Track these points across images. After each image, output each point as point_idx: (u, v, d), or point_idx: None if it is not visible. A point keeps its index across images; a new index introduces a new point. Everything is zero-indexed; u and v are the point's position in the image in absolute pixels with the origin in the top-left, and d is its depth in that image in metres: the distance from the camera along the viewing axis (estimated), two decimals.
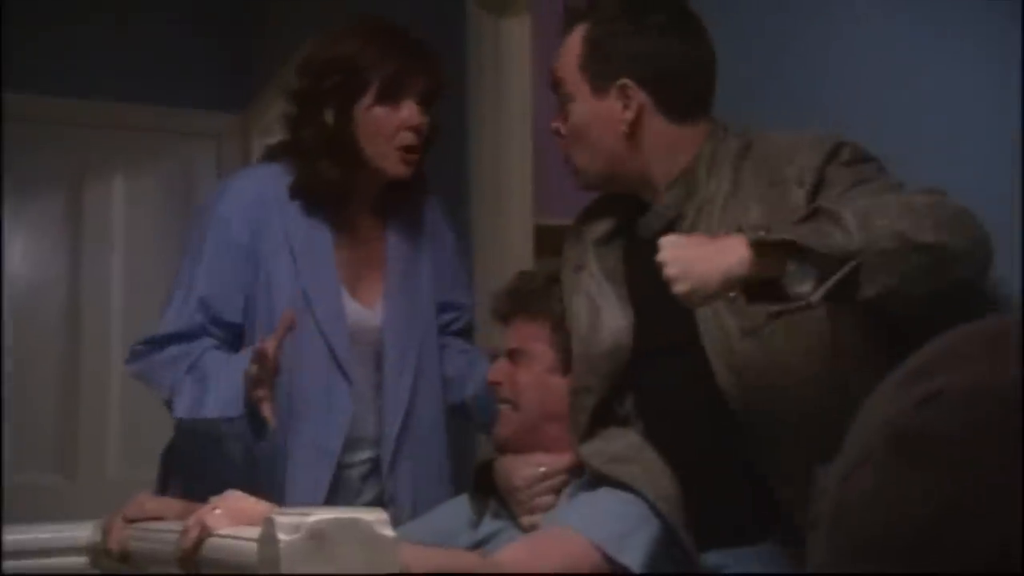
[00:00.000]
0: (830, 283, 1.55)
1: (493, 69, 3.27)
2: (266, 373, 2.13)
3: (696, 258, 1.64)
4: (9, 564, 1.95)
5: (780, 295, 1.60)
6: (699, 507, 1.87)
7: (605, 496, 1.89)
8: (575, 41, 1.98)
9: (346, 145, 2.33)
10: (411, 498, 2.38)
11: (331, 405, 2.33)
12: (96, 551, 2.02)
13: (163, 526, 1.78)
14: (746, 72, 2.20)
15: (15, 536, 2.02)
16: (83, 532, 2.07)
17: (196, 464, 2.36)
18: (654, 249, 1.70)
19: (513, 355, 2.10)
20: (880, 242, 1.57)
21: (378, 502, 2.35)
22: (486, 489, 2.11)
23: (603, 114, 1.95)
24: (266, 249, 2.34)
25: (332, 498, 2.33)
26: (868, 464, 0.64)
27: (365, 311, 2.40)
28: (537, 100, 3.19)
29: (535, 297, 2.12)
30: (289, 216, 2.36)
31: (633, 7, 1.98)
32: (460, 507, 2.15)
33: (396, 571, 1.30)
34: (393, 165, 2.34)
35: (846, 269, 1.55)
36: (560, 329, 2.06)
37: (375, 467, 2.39)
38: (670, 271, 1.64)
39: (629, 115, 1.94)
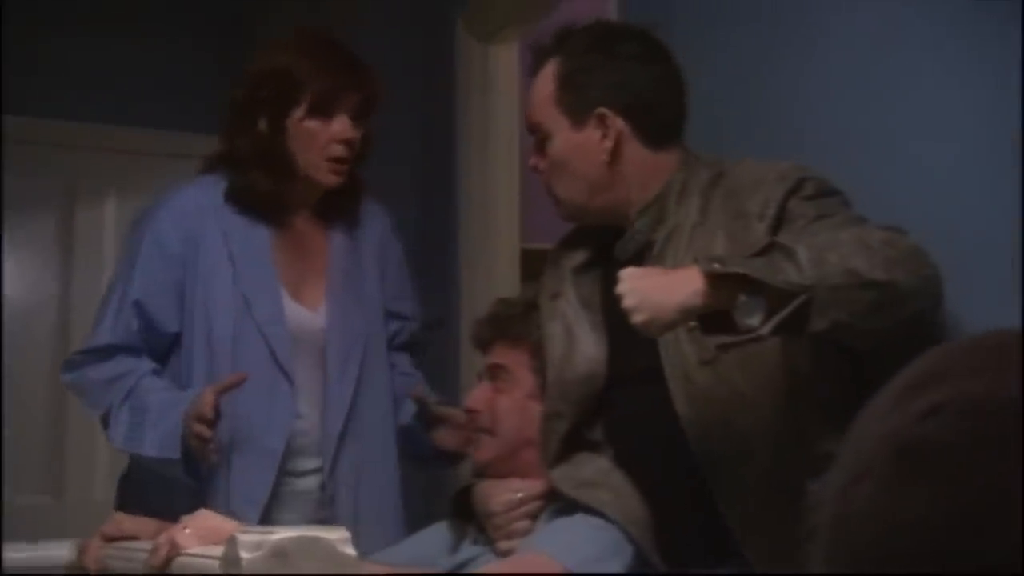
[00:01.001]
0: (779, 316, 1.58)
1: (481, 95, 3.29)
2: (212, 430, 2.17)
3: (652, 289, 1.66)
4: None
5: (735, 326, 1.62)
6: (668, 532, 1.88)
7: (579, 522, 1.89)
8: (547, 78, 2.00)
9: (278, 155, 2.36)
10: (353, 500, 2.37)
11: (273, 406, 2.34)
12: (74, 569, 2.02)
13: (138, 545, 1.79)
14: (721, 96, 2.22)
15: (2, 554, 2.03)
16: (65, 551, 2.08)
17: (146, 489, 2.37)
18: None
19: (495, 371, 2.10)
20: (831, 278, 1.60)
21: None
22: (465, 514, 2.11)
23: (583, 145, 1.97)
24: (203, 257, 2.36)
25: (287, 506, 2.34)
26: (868, 476, 0.64)
27: (308, 313, 2.40)
28: (525, 125, 3.20)
29: (515, 323, 2.12)
30: (227, 222, 2.38)
31: (603, 39, 2.01)
32: (439, 533, 2.15)
33: None
34: (323, 175, 2.37)
35: (795, 303, 1.58)
36: (539, 355, 2.07)
37: None
38: (628, 302, 1.67)
39: (608, 143, 1.95)
